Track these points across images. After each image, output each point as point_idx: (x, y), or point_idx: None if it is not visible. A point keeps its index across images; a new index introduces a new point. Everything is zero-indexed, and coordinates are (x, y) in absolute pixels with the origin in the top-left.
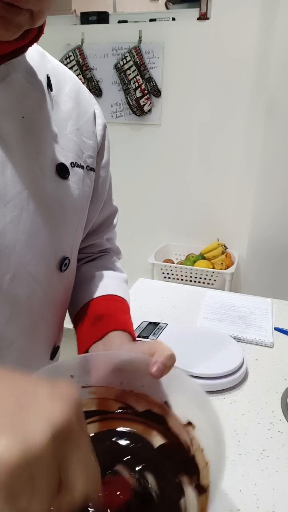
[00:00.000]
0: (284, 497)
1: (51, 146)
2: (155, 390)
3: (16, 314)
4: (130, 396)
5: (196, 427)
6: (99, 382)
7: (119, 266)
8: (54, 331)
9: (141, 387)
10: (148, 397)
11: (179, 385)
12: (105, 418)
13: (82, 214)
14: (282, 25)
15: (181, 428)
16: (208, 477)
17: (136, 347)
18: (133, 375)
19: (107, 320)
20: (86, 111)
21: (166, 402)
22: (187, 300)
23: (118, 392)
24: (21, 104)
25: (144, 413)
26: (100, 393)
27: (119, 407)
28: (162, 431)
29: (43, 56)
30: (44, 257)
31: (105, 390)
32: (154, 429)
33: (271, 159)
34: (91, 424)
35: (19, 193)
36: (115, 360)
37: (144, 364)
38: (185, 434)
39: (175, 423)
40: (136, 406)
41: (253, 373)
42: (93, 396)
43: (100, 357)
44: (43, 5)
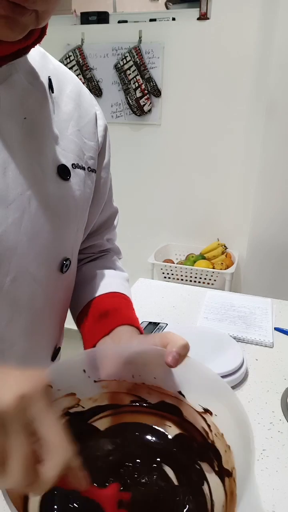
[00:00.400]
0: (284, 497)
1: (52, 147)
2: (167, 381)
3: (17, 315)
4: (142, 389)
5: (213, 413)
6: (110, 376)
7: (120, 265)
8: (55, 332)
9: (153, 379)
10: (161, 388)
11: (194, 373)
12: (118, 412)
13: (83, 215)
14: (282, 25)
15: (197, 416)
16: (232, 460)
17: (146, 339)
18: (144, 367)
19: (113, 315)
20: (87, 112)
21: (180, 392)
22: (187, 300)
23: (130, 385)
24: (23, 105)
25: (157, 404)
26: (111, 387)
27: (131, 400)
28: (177, 421)
29: (45, 57)
30: (45, 258)
31: (117, 384)
32: (169, 420)
33: (271, 159)
34: (104, 418)
35: (21, 195)
36: (125, 353)
37: (156, 355)
38: (203, 422)
39: (190, 412)
40: (148, 399)
41: (253, 373)
42: (105, 390)
43: (110, 350)
44: (48, 5)
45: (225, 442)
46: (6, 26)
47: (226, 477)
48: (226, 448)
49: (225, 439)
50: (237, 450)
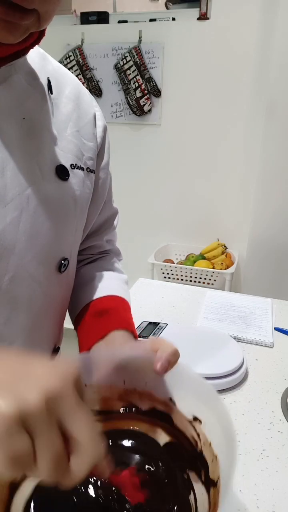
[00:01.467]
0: (284, 497)
1: (50, 147)
2: (158, 388)
3: (15, 314)
4: (134, 395)
5: (203, 422)
6: (102, 381)
7: (119, 267)
8: (54, 331)
9: (145, 385)
10: (152, 395)
11: (184, 381)
12: (109, 418)
13: (82, 215)
14: (282, 25)
15: (187, 424)
16: (218, 470)
17: (138, 345)
18: (136, 373)
19: (108, 316)
20: (87, 113)
21: (170, 399)
22: (187, 300)
23: (121, 391)
24: (22, 106)
25: (149, 411)
26: (103, 392)
27: (122, 406)
28: (167, 428)
29: (44, 58)
30: (43, 258)
31: (108, 389)
32: (159, 427)
33: (271, 159)
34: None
35: (19, 194)
36: (117, 358)
37: (147, 361)
38: (192, 430)
39: (181, 419)
40: (139, 405)
41: (253, 373)
42: (96, 396)
43: (102, 356)
44: (49, 6)
45: (213, 451)
46: (6, 29)
47: (211, 487)
48: (213, 457)
49: (212, 448)
50: (222, 459)
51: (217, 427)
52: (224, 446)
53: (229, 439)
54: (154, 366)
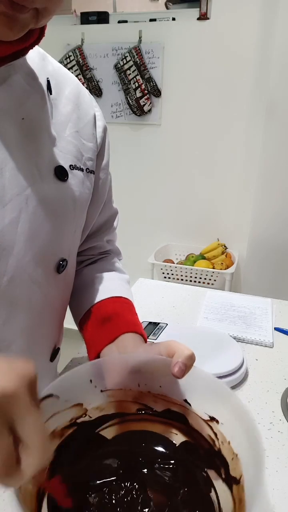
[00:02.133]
0: (284, 497)
1: (50, 148)
2: (173, 390)
3: (14, 315)
4: (148, 397)
5: (220, 421)
6: (116, 385)
7: (120, 267)
8: (54, 332)
9: (159, 387)
10: (167, 397)
11: (198, 381)
12: (124, 420)
13: (81, 216)
14: (282, 25)
15: (203, 424)
16: (239, 468)
17: (151, 348)
18: (150, 376)
19: (116, 321)
20: (86, 113)
21: (185, 400)
22: (187, 300)
23: (136, 394)
24: (21, 106)
25: (164, 412)
26: (117, 396)
27: (137, 408)
28: (183, 429)
29: (44, 58)
30: (42, 259)
31: (123, 393)
32: (175, 428)
33: (271, 159)
34: (111, 427)
35: (18, 195)
36: (131, 362)
37: (162, 365)
38: (209, 430)
39: (196, 420)
40: (154, 407)
41: (253, 373)
42: (111, 400)
43: (116, 360)
44: (48, 3)
45: (232, 450)
46: (5, 24)
47: (234, 484)
48: (234, 455)
49: (232, 446)
50: (246, 458)
51: (236, 426)
52: (247, 444)
53: (252, 437)
54: (172, 370)
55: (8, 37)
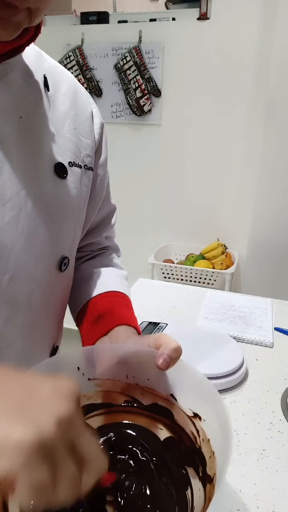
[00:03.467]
0: (284, 497)
1: (48, 146)
2: (160, 383)
3: (15, 314)
4: (136, 390)
5: (202, 418)
6: (105, 375)
7: (119, 263)
8: (53, 331)
9: (147, 380)
10: (154, 390)
11: (185, 377)
12: (111, 411)
13: (81, 213)
14: (282, 25)
15: (187, 421)
16: (214, 467)
17: (141, 340)
18: (138, 368)
19: (110, 316)
20: (84, 110)
21: (171, 395)
22: (187, 300)
23: (124, 385)
24: (19, 104)
25: (150, 406)
26: (105, 386)
27: (124, 400)
28: (168, 424)
29: (40, 56)
30: (43, 257)
31: (111, 383)
32: (160, 422)
33: (271, 159)
34: (96, 417)
35: (17, 193)
36: (120, 352)
37: (150, 356)
38: (192, 426)
39: (181, 416)
40: (141, 400)
41: (253, 373)
42: (98, 389)
43: (105, 350)
44: (40, 3)
45: (211, 448)
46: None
47: (208, 483)
48: (211, 454)
49: (211, 445)
50: (218, 456)
51: (215, 424)
52: (221, 442)
53: (226, 436)
54: (157, 362)
55: (3, 38)
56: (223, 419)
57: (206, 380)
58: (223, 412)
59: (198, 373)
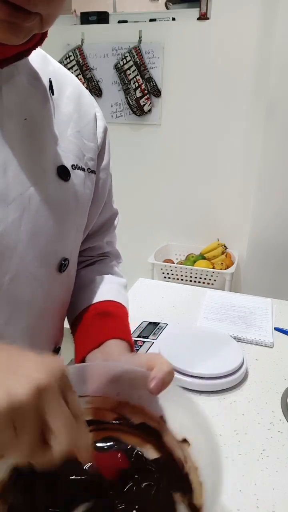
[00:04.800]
0: (284, 497)
1: (52, 148)
2: (151, 403)
3: (16, 314)
4: (126, 408)
5: (191, 445)
6: (96, 392)
7: (118, 270)
8: (55, 332)
9: (137, 399)
10: (144, 409)
11: (176, 400)
12: (100, 428)
13: (83, 215)
14: (282, 25)
15: (176, 445)
16: (202, 497)
17: (134, 359)
18: (130, 387)
19: (106, 321)
20: (87, 113)
21: (161, 416)
22: (187, 300)
23: (114, 403)
24: (24, 106)
25: (140, 425)
26: (96, 403)
27: (114, 417)
28: (156, 445)
29: (45, 59)
30: (44, 258)
31: (101, 400)
32: (149, 443)
33: (271, 159)
34: None
35: (21, 194)
36: (112, 371)
37: (142, 377)
38: (180, 451)
39: (170, 438)
40: (131, 418)
41: (253, 373)
42: (89, 406)
43: (97, 367)
44: (52, 9)
45: (198, 478)
46: (10, 31)
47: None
48: (198, 484)
49: (198, 474)
50: (207, 485)
51: (205, 452)
52: (211, 470)
53: (216, 464)
54: (149, 385)
55: (13, 42)
56: (213, 448)
57: (197, 406)
58: (211, 439)
59: (187, 395)
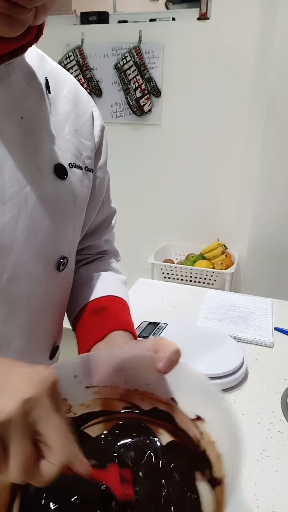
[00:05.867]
0: (284, 497)
1: (49, 146)
2: (160, 388)
3: (14, 313)
4: (135, 395)
5: (205, 421)
6: (103, 382)
7: (117, 267)
8: (53, 330)
9: (146, 385)
10: (153, 395)
11: (185, 380)
12: (110, 419)
13: (80, 214)
14: (282, 25)
15: (189, 424)
16: (222, 469)
17: (139, 344)
18: (137, 373)
19: (107, 314)
20: (84, 112)
21: (172, 398)
22: (187, 300)
23: (123, 392)
24: (20, 105)
25: (150, 411)
26: (104, 393)
27: (124, 406)
28: (169, 428)
29: (43, 58)
30: (42, 257)
31: (109, 390)
32: (161, 427)
33: (271, 159)
34: (96, 425)
35: (17, 193)
36: (118, 358)
37: (149, 361)
38: (194, 429)
39: (183, 419)
40: (141, 405)
41: (253, 373)
42: (97, 397)
43: (102, 356)
44: (46, 0)
45: (216, 450)
46: (6, 23)
47: (217, 485)
48: (217, 456)
49: (216, 447)
50: (227, 458)
51: (221, 425)
52: (229, 444)
53: (234, 437)
54: (157, 365)
55: (8, 34)
56: (228, 420)
57: (206, 380)
58: (227, 412)
59: (198, 373)
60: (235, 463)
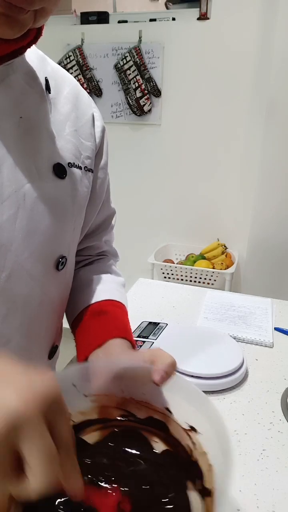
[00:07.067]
0: (284, 497)
1: (48, 146)
2: (156, 397)
3: (12, 312)
4: (131, 404)
5: (198, 432)
6: (100, 390)
7: (116, 269)
8: (52, 330)
9: (142, 394)
10: (149, 404)
11: (181, 391)
12: (107, 426)
13: (80, 214)
14: (282, 25)
15: (183, 434)
16: (212, 480)
17: (136, 355)
18: (133, 383)
19: (106, 319)
20: (85, 113)
21: (167, 408)
22: (187, 300)
23: (119, 400)
24: (20, 105)
25: (145, 420)
26: (101, 401)
27: (120, 414)
28: (163, 437)
29: (43, 59)
30: (41, 256)
31: (106, 398)
32: (156, 436)
33: (271, 159)
34: (93, 432)
35: (16, 191)
36: (115, 368)
37: (145, 372)
38: (187, 439)
39: (177, 429)
40: (137, 413)
41: (253, 373)
42: (94, 405)
43: (100, 365)
44: (46, 3)
45: (208, 462)
46: (5, 24)
47: (206, 496)
48: (208, 467)
49: (208, 458)
50: (218, 469)
51: (213, 437)
52: (220, 455)
53: (225, 448)
54: (153, 377)
55: (8, 36)
56: (219, 431)
57: (201, 394)
58: (219, 424)
59: (192, 385)
60: (225, 475)
